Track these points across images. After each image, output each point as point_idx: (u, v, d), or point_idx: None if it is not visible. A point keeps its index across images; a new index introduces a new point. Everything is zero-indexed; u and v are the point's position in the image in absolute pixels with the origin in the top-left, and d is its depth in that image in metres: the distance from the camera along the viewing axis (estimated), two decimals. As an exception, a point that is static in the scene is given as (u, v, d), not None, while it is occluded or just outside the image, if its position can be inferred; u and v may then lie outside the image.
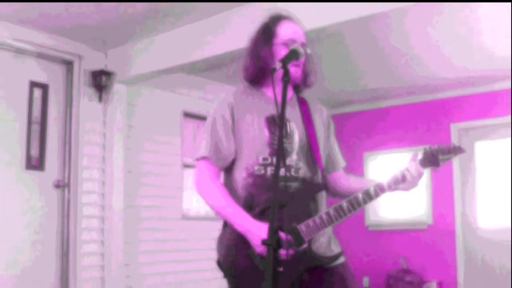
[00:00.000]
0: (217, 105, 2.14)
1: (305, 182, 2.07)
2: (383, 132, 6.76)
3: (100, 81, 4.86)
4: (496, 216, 5.96)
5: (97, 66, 4.89)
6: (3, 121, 4.36)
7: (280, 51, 2.08)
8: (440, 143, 2.16)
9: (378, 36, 4.67)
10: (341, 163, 2.29)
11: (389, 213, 6.63)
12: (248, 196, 2.04)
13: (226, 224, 2.08)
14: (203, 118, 2.26)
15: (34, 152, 4.54)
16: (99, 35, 4.63)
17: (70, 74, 4.81)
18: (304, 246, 1.95)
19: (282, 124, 1.82)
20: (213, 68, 5.18)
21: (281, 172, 1.93)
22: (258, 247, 1.90)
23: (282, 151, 1.94)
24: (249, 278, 1.95)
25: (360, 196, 2.01)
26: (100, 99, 4.94)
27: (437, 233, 6.25)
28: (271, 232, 1.67)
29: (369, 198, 2.01)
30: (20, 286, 4.29)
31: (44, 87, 4.65)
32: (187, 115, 5.72)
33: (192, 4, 4.03)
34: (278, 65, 1.91)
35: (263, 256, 1.86)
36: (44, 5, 4.00)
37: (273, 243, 1.67)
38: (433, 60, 5.31)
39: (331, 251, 2.06)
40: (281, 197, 1.87)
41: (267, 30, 2.15)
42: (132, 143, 5.18)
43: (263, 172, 2.04)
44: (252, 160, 2.05)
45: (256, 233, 1.90)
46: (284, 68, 1.90)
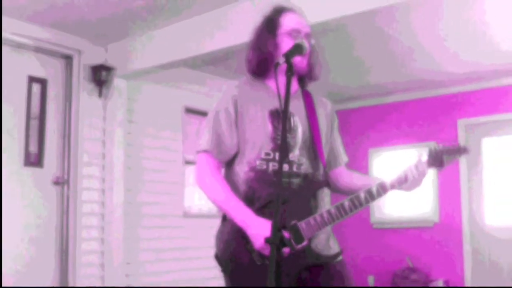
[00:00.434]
0: (221, 97, 2.12)
1: (307, 179, 2.07)
2: (389, 128, 6.67)
3: (100, 76, 4.81)
4: (504, 214, 5.89)
5: (96, 61, 4.84)
6: (1, 117, 4.30)
7: (284, 41, 2.08)
8: (447, 139, 2.11)
9: (384, 30, 4.62)
10: (344, 158, 2.29)
11: (395, 211, 6.55)
12: (249, 190, 2.03)
13: (225, 218, 2.07)
14: (204, 114, 2.23)
15: (33, 148, 4.49)
16: (99, 29, 4.59)
17: (69, 69, 4.76)
18: (303, 244, 1.92)
19: (285, 120, 1.80)
20: (214, 63, 5.18)
21: (284, 168, 1.94)
22: (257, 242, 1.88)
23: (285, 147, 1.95)
24: (246, 272, 1.95)
25: (362, 195, 1.99)
26: (100, 94, 4.89)
27: (443, 231, 6.17)
28: (275, 230, 1.67)
29: (371, 197, 2.00)
30: (19, 283, 4.25)
31: (43, 82, 4.60)
32: (189, 110, 5.67)
33: (193, -2, 4.00)
34: (281, 59, 1.90)
35: (262, 252, 1.88)
36: (42, -2, 3.95)
37: (276, 241, 1.66)
38: (440, 55, 5.25)
39: (330, 249, 2.04)
40: (283, 193, 1.85)
41: (271, 21, 2.14)
42: (132, 139, 5.13)
43: (265, 167, 2.04)
44: (255, 154, 2.05)
45: (257, 228, 1.89)
46: (288, 63, 1.88)
